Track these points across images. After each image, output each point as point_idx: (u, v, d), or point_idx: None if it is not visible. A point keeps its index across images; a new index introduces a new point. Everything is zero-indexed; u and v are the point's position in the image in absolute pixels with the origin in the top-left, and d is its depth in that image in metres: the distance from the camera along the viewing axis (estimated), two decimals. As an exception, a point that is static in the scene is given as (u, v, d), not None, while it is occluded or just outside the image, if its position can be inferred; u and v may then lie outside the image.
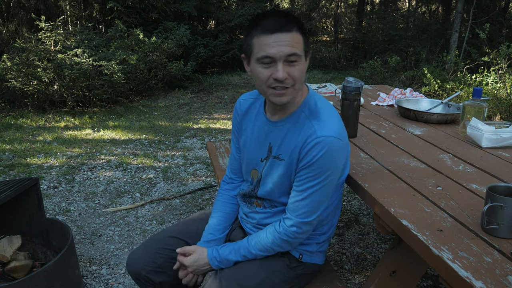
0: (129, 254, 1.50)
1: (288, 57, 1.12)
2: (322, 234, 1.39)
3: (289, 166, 1.25)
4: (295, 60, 1.13)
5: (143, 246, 1.49)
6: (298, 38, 1.14)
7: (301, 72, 1.16)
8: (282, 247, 1.30)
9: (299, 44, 1.14)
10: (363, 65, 7.99)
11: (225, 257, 1.33)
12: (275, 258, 1.35)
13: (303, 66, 1.17)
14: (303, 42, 1.16)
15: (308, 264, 1.39)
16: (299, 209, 1.23)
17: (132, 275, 1.46)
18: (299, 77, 1.16)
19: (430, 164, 1.52)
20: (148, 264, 1.43)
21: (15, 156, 4.06)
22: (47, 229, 2.11)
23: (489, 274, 0.89)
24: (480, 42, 7.51)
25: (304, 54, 1.17)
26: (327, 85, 3.03)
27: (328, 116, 1.22)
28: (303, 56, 1.16)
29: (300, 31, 1.15)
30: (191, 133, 4.90)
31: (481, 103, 1.82)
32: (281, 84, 1.14)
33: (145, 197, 3.23)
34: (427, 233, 1.05)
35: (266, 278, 1.30)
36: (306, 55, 1.19)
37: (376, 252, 2.49)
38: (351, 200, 3.19)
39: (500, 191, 1.06)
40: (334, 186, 1.26)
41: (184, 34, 7.18)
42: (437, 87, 5.96)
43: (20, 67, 5.48)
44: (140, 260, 1.45)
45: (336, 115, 1.25)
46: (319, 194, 1.21)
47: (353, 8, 14.63)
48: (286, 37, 1.11)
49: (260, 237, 1.31)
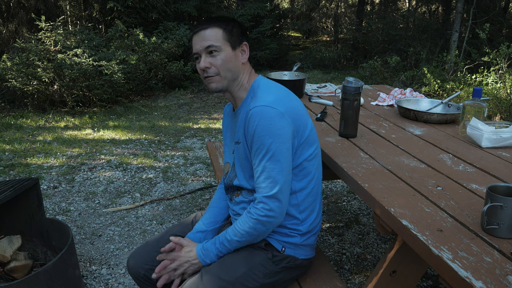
0: (130, 254, 1.52)
1: (207, 49, 1.30)
2: (303, 222, 1.37)
3: (244, 147, 1.32)
4: (215, 50, 1.30)
5: (143, 246, 1.53)
6: (216, 31, 1.30)
7: (224, 61, 1.31)
8: (256, 229, 1.28)
9: (215, 36, 1.30)
10: (363, 65, 7.99)
11: (207, 248, 1.35)
12: (257, 252, 1.35)
13: (227, 56, 1.31)
14: (223, 34, 1.31)
15: (292, 258, 1.38)
16: (260, 185, 1.26)
17: (132, 274, 1.49)
18: (221, 65, 1.31)
19: (430, 164, 1.52)
20: (147, 263, 1.46)
21: (15, 156, 4.06)
22: (47, 229, 2.11)
23: (489, 274, 0.89)
24: (480, 42, 7.52)
25: (230, 45, 1.31)
26: (327, 85, 3.03)
27: (264, 91, 1.31)
28: (223, 46, 1.30)
29: (221, 26, 1.31)
30: (191, 133, 4.90)
31: (481, 103, 1.82)
32: (207, 73, 1.32)
33: (145, 197, 3.23)
34: (427, 233, 1.05)
35: (247, 271, 1.31)
36: (233, 46, 1.32)
37: (376, 252, 2.49)
38: (351, 200, 3.19)
39: (500, 191, 1.06)
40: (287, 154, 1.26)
41: (184, 34, 7.18)
42: (437, 87, 5.97)
43: (20, 67, 5.48)
44: (139, 259, 1.48)
45: (274, 91, 1.32)
46: (272, 164, 1.24)
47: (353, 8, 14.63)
48: (203, 34, 1.31)
49: (235, 224, 1.32)
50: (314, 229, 1.42)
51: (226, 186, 1.48)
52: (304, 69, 9.49)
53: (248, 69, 1.39)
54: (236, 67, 1.34)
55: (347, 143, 1.78)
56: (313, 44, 13.15)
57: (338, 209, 3.03)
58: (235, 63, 1.33)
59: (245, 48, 1.37)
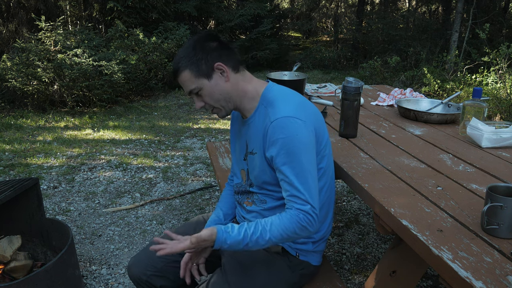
0: (130, 259, 1.51)
1: (190, 93, 1.29)
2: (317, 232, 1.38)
3: (262, 158, 1.28)
4: (198, 91, 1.27)
5: (143, 251, 1.51)
6: (185, 75, 1.26)
7: (209, 95, 1.27)
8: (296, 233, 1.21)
9: (189, 80, 1.26)
10: (363, 65, 7.99)
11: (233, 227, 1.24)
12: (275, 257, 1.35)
13: (210, 89, 1.26)
14: (191, 74, 1.25)
15: (306, 263, 1.39)
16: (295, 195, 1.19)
17: (133, 280, 1.47)
18: (211, 99, 1.28)
19: (430, 164, 1.52)
20: (149, 269, 1.44)
21: (15, 156, 4.06)
22: (47, 229, 2.10)
23: (489, 274, 0.89)
24: (480, 42, 7.51)
25: (205, 77, 1.25)
26: (327, 85, 3.03)
27: (282, 101, 1.26)
28: (200, 83, 1.26)
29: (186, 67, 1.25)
30: (191, 133, 4.90)
31: (481, 103, 1.82)
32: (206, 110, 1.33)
33: (145, 197, 3.23)
34: (427, 233, 1.05)
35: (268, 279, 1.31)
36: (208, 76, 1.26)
37: (376, 252, 2.49)
38: (351, 200, 3.19)
39: (500, 191, 1.06)
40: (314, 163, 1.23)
41: (184, 34, 7.18)
42: (437, 87, 5.97)
43: (20, 67, 5.48)
44: (140, 265, 1.46)
45: (290, 97, 1.27)
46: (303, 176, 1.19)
47: (353, 8, 14.62)
48: (179, 81, 1.28)
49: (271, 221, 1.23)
50: (325, 236, 1.43)
51: (239, 190, 1.46)
52: (304, 69, 9.49)
53: (241, 80, 1.30)
54: (224, 91, 1.27)
55: (347, 143, 1.78)
56: (313, 44, 13.15)
57: (338, 209, 3.03)
58: (220, 89, 1.27)
59: (220, 67, 1.26)
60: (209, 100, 1.28)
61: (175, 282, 1.45)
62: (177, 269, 1.42)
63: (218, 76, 1.27)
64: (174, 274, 1.44)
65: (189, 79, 1.26)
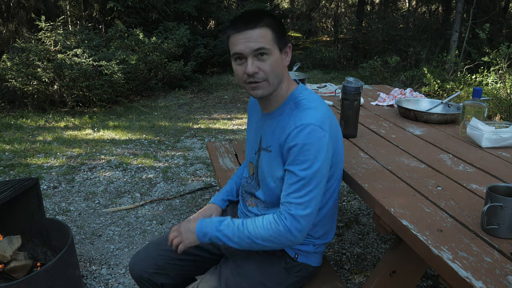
0: (131, 257, 1.51)
1: (256, 51, 1.18)
2: (318, 238, 1.38)
3: (276, 158, 1.26)
4: (265, 53, 1.19)
5: (144, 249, 1.51)
6: (265, 32, 1.18)
7: (272, 66, 1.20)
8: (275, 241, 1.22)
9: (266, 38, 1.18)
10: (363, 65, 7.99)
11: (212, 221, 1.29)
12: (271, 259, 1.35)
13: (275, 60, 1.21)
14: (272, 36, 1.20)
15: (304, 265, 1.38)
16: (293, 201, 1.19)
17: (135, 277, 1.48)
18: (271, 70, 1.20)
19: (430, 164, 1.52)
20: (150, 266, 1.45)
21: (15, 156, 4.06)
22: (47, 229, 2.11)
23: (489, 274, 0.89)
24: (480, 42, 7.52)
25: (278, 48, 1.21)
26: (327, 85, 3.03)
27: (310, 107, 1.22)
28: (273, 49, 1.20)
29: (270, 26, 1.20)
30: (191, 133, 4.90)
31: (481, 103, 1.82)
32: (253, 78, 1.20)
33: (145, 197, 3.23)
34: (427, 233, 1.05)
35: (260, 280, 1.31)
36: (280, 48, 1.23)
37: (376, 252, 2.49)
38: (351, 200, 3.19)
39: (500, 191, 1.06)
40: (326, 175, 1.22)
41: (184, 34, 7.17)
42: (437, 87, 5.97)
43: (20, 67, 5.48)
44: (142, 262, 1.46)
45: (320, 107, 1.24)
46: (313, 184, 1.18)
47: (353, 8, 14.63)
48: (252, 34, 1.17)
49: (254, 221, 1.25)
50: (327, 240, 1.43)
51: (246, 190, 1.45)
52: (304, 69, 9.49)
53: (287, 73, 1.30)
54: (282, 72, 1.24)
55: (347, 143, 1.78)
56: (313, 44, 13.15)
57: (338, 209, 3.03)
58: (281, 68, 1.23)
59: (288, 50, 1.27)
60: (270, 69, 1.20)
61: (176, 279, 1.46)
62: (178, 266, 1.45)
63: (284, 54, 1.26)
64: (175, 271, 1.46)
65: (265, 37, 1.18)
